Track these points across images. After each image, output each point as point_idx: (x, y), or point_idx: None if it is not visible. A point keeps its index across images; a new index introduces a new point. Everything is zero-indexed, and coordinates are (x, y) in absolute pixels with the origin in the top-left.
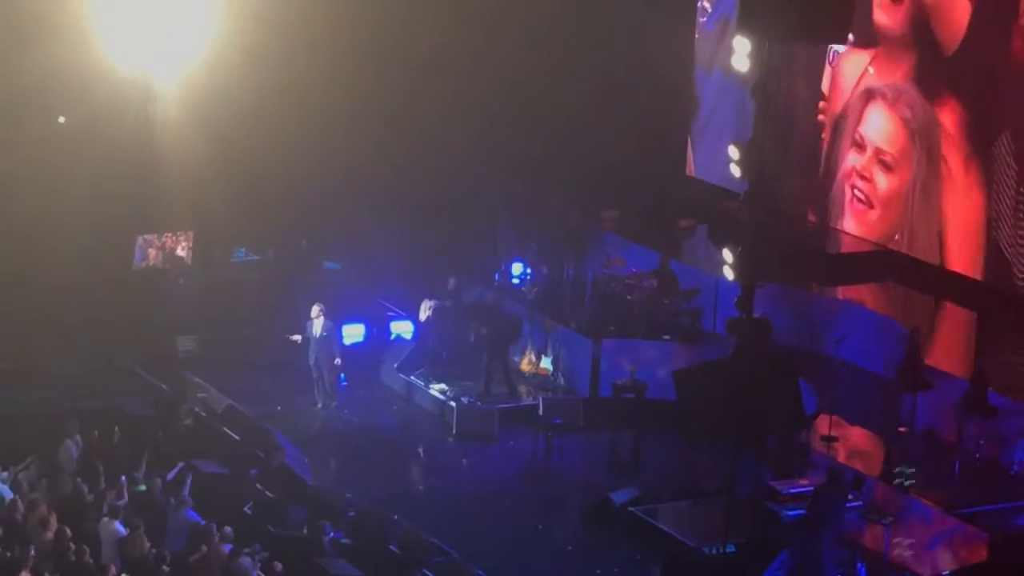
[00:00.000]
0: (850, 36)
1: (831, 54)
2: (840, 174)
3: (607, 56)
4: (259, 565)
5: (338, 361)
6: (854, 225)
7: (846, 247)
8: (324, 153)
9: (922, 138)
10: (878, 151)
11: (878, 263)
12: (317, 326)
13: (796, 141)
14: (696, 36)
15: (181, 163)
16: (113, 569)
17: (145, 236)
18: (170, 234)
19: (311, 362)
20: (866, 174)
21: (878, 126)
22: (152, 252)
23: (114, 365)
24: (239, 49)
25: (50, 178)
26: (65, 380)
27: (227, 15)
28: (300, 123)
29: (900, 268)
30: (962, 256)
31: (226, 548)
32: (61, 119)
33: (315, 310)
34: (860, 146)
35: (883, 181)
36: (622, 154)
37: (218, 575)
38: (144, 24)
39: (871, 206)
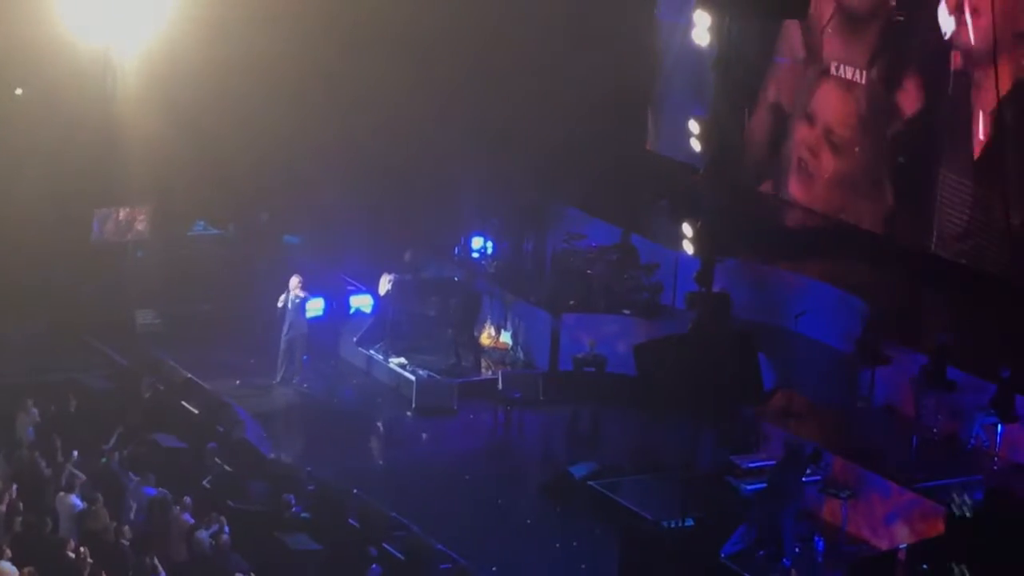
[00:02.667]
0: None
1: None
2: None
3: (570, 30)
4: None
5: (304, 331)
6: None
7: (802, 221)
8: (284, 127)
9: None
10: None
11: (838, 238)
12: (294, 296)
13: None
14: (657, 12)
15: (140, 136)
16: (72, 543)
17: (102, 209)
18: (128, 208)
19: (284, 334)
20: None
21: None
22: (110, 226)
23: (72, 339)
24: (199, 22)
25: (8, 151)
26: (23, 353)
27: None
28: (260, 97)
29: (860, 243)
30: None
31: (187, 517)
32: (18, 91)
33: (294, 281)
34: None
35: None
36: (583, 128)
37: (181, 546)
38: None
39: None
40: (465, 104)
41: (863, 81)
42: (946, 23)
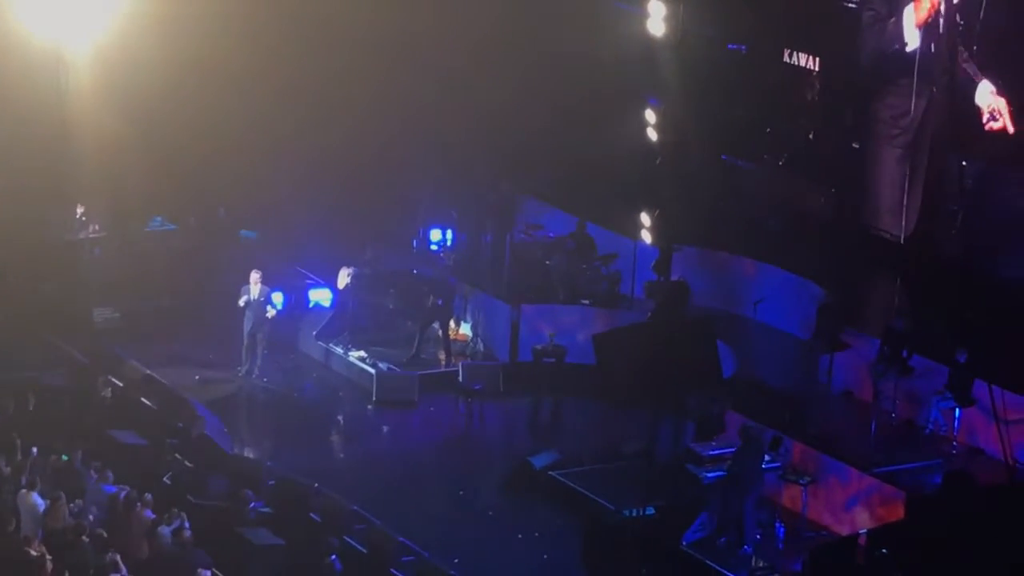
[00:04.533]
0: None
1: None
2: None
3: (526, 21)
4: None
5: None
6: None
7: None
8: (239, 122)
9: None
10: None
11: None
12: (255, 292)
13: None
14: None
15: (94, 132)
16: (35, 541)
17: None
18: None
19: (246, 328)
20: None
21: None
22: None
23: (31, 337)
24: (152, 17)
25: None
26: None
27: None
28: (214, 92)
29: (817, 229)
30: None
31: (148, 514)
32: None
33: (254, 276)
34: None
35: None
36: (541, 118)
37: (142, 542)
38: None
39: None
40: (421, 97)
41: (816, 68)
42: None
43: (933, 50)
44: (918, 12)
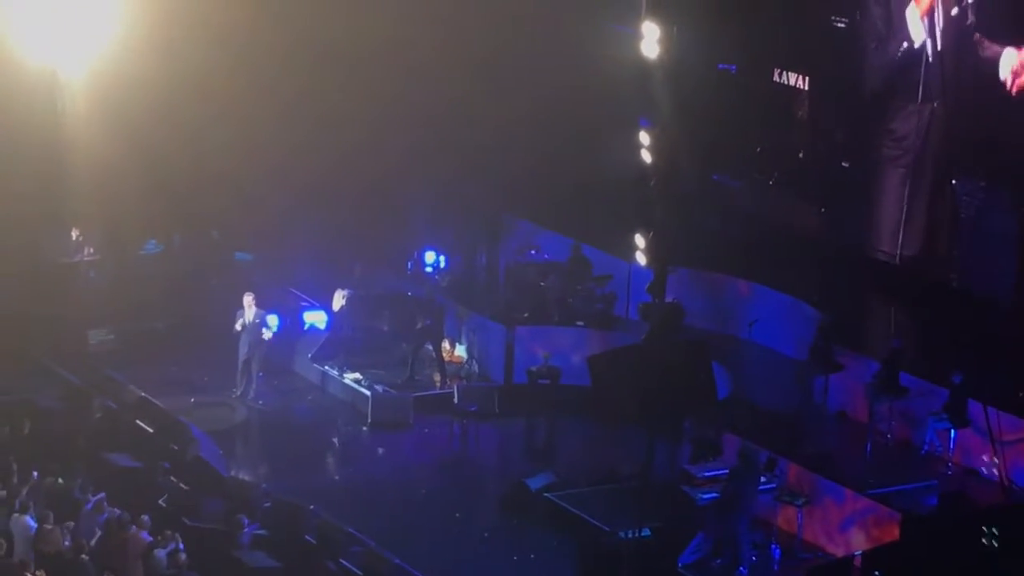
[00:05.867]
0: None
1: None
2: None
3: (522, 43)
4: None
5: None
6: None
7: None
8: (233, 144)
9: None
10: None
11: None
12: (249, 315)
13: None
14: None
15: (90, 155)
16: (30, 565)
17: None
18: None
19: (241, 351)
20: None
21: None
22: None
23: (25, 360)
24: (146, 40)
25: None
26: None
27: (134, 5)
28: (209, 114)
29: (815, 248)
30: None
31: (144, 536)
32: None
33: (247, 299)
34: None
35: None
36: (535, 139)
37: (137, 565)
38: (50, 15)
39: None
40: (416, 119)
41: (805, 87)
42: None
43: (940, 48)
44: (919, 4)
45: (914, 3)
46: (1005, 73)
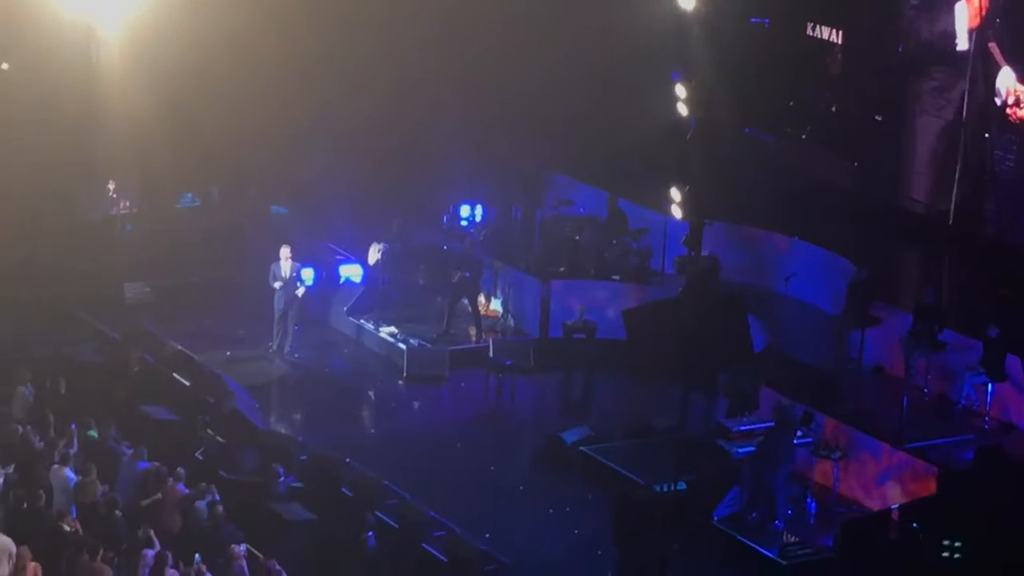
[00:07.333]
0: None
1: None
2: None
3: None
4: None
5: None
6: None
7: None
8: (270, 98)
9: None
10: None
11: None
12: (286, 268)
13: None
14: None
15: (125, 109)
16: (68, 516)
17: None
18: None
19: (277, 305)
20: None
21: None
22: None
23: (62, 313)
24: None
25: None
26: (13, 329)
27: None
28: (246, 68)
29: (849, 202)
30: None
31: (181, 488)
32: (4, 65)
33: (284, 252)
34: None
35: None
36: (572, 93)
37: (175, 516)
38: None
39: None
40: (452, 73)
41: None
42: None
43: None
44: (970, 8)
45: (965, 5)
46: (1001, 86)
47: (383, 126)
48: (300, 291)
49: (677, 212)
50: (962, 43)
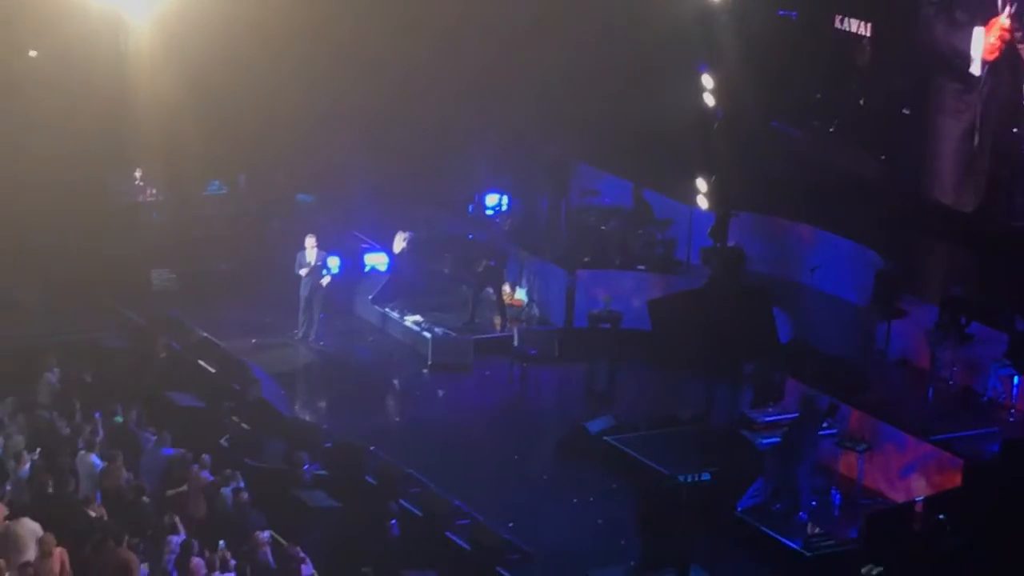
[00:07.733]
0: None
1: None
2: None
3: None
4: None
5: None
6: None
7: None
8: (297, 86)
9: None
10: None
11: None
12: (311, 256)
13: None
14: None
15: (153, 96)
16: (94, 502)
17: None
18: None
19: (303, 293)
20: None
21: None
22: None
23: (89, 299)
24: None
25: (21, 113)
26: (40, 314)
27: None
28: (273, 56)
29: (876, 195)
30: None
31: (206, 475)
32: (32, 53)
33: (309, 241)
34: None
35: None
36: (597, 83)
37: (200, 503)
38: None
39: None
40: (478, 62)
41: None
42: None
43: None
44: (987, 39)
45: (984, 31)
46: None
47: (410, 115)
48: (325, 279)
49: (703, 203)
50: (976, 68)
